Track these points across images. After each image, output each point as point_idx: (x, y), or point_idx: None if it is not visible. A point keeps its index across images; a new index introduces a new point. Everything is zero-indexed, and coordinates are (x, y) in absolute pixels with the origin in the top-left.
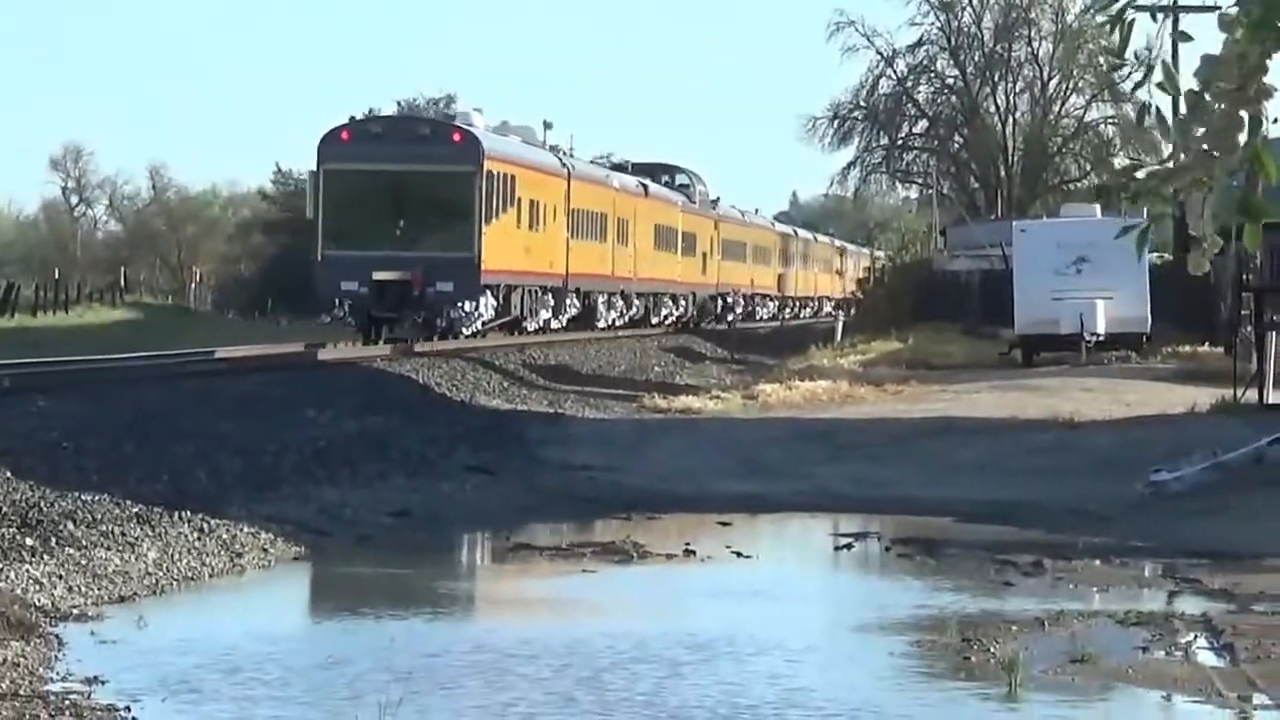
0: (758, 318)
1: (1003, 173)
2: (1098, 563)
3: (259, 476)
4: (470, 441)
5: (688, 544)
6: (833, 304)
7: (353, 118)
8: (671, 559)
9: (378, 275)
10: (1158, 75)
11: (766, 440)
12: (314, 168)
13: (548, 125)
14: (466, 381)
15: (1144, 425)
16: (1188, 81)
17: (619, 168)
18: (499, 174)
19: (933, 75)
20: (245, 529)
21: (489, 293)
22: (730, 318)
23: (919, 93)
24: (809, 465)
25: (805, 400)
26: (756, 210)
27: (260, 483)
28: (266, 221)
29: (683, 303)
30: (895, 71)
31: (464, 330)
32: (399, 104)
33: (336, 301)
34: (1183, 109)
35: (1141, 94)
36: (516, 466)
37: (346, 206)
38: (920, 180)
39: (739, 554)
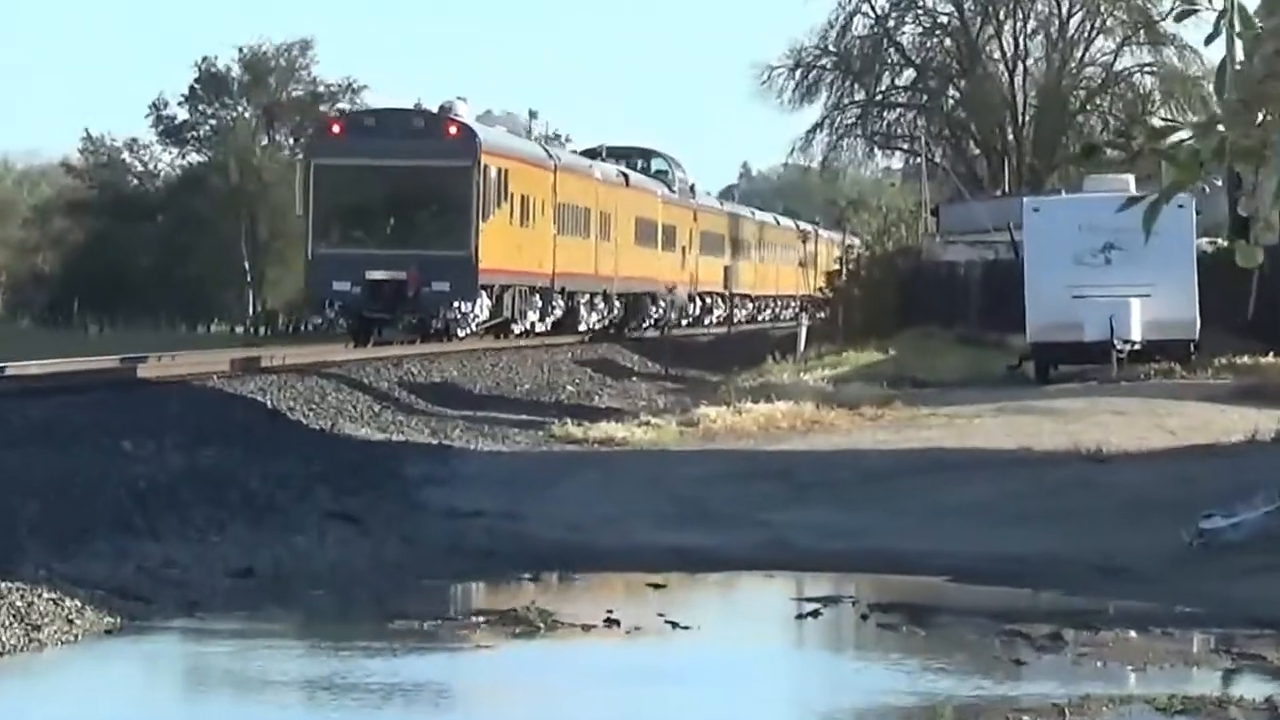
0: (736, 319)
1: (1010, 136)
2: (1133, 634)
3: (62, 527)
4: (332, 481)
5: (609, 612)
6: (794, 304)
7: (343, 110)
8: (589, 630)
9: (371, 274)
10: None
11: (710, 478)
12: (303, 162)
13: (533, 114)
14: (327, 405)
15: (1191, 458)
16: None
17: (592, 153)
18: (494, 169)
19: (920, 13)
20: (44, 594)
21: (485, 293)
22: (664, 322)
23: (903, 34)
24: (764, 510)
25: (759, 427)
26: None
27: (64, 535)
28: (72, 202)
29: (662, 303)
30: (873, 7)
31: (459, 332)
32: (240, 50)
33: (328, 302)
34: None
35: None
36: (391, 513)
37: (338, 203)
38: (905, 146)
39: (675, 624)
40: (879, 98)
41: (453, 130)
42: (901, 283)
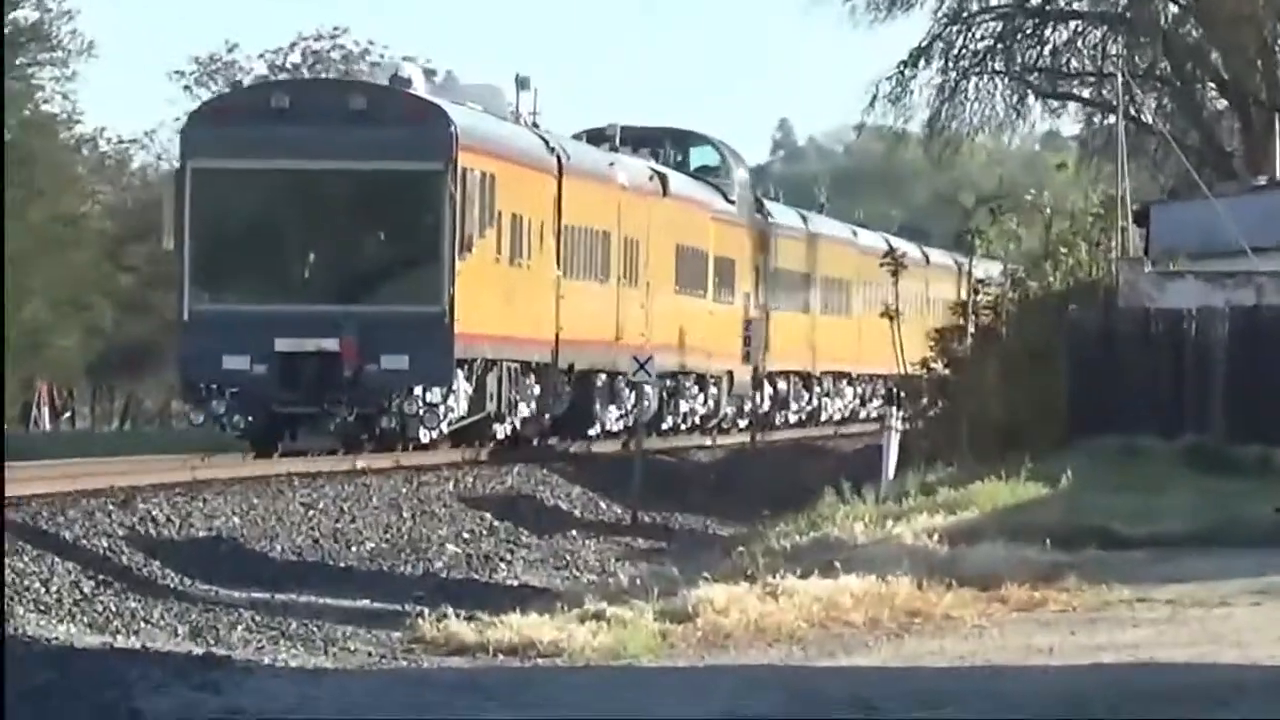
0: (828, 417)
1: None
2: None
3: None
4: None
5: None
6: (876, 388)
7: (237, 83)
8: None
9: (283, 345)
10: None
11: None
12: (177, 165)
13: (522, 84)
14: None
15: None
16: None
17: (597, 138)
18: (478, 174)
19: None
20: None
21: (462, 371)
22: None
23: None
24: None
25: (812, 624)
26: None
27: None
28: None
29: (713, 391)
30: None
31: (423, 434)
32: None
33: (213, 389)
34: None
35: None
36: None
37: (230, 232)
38: (1086, 93)
39: None
40: (1036, 4)
41: (414, 113)
42: (1079, 350)
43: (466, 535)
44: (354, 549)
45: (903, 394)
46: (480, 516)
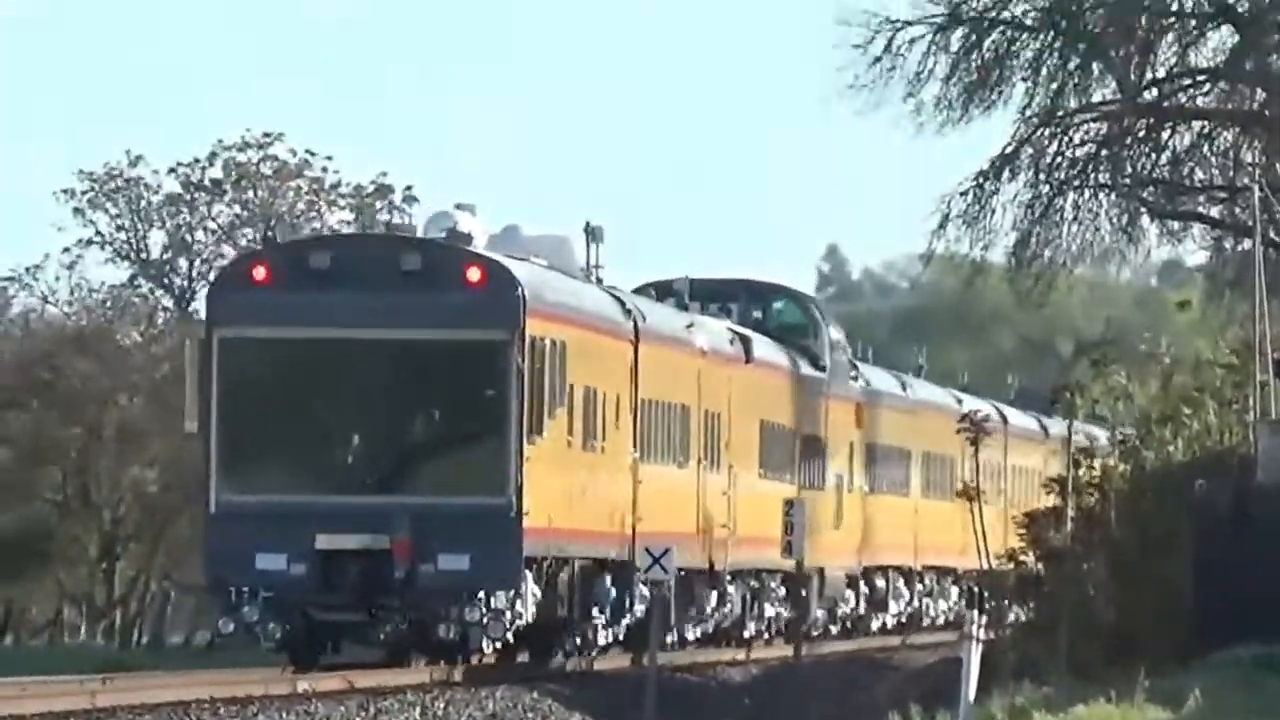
0: (930, 621)
1: None
2: None
3: None
4: None
5: None
6: (952, 587)
7: (270, 237)
8: None
9: (325, 542)
10: None
11: None
12: (201, 335)
13: (592, 235)
14: None
15: None
16: None
17: (664, 290)
18: (546, 343)
19: None
20: None
21: (531, 572)
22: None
23: None
24: None
25: None
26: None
27: None
28: None
29: (801, 592)
30: None
31: (485, 645)
32: None
33: (244, 592)
34: None
35: None
36: None
37: (264, 411)
38: (1216, 212)
39: None
40: (1156, 94)
41: (475, 273)
42: (1207, 537)
43: None
44: None
45: (986, 594)
46: None
